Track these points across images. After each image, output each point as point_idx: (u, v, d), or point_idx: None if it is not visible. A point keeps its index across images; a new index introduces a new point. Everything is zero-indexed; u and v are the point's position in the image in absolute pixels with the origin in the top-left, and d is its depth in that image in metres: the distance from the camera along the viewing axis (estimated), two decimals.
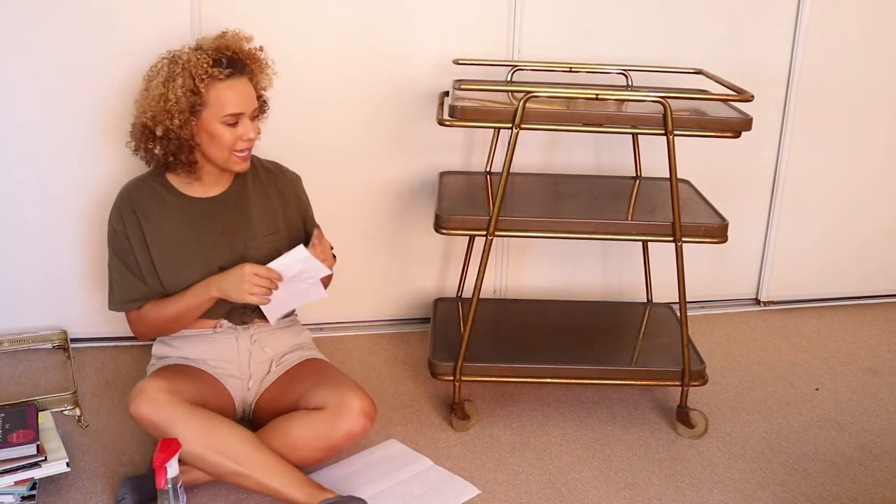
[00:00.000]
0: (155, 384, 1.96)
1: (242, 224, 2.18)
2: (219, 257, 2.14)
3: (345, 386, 2.05)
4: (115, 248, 2.17)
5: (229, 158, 2.10)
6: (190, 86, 2.02)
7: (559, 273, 3.01)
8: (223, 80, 2.05)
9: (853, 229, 3.16)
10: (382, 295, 2.94)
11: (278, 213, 2.23)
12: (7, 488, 1.95)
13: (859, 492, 2.17)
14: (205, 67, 2.03)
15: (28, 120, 2.51)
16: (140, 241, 2.13)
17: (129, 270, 2.15)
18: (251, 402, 2.21)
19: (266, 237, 2.19)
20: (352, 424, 1.99)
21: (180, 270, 2.12)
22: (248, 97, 2.09)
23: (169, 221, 2.14)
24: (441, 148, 2.78)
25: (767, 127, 2.98)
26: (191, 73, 2.03)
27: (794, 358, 2.83)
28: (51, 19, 2.43)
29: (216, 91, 2.04)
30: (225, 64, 2.06)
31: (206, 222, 2.16)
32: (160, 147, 2.07)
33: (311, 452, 2.01)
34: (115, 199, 2.18)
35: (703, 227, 2.25)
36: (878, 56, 2.98)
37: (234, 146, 2.08)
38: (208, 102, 2.04)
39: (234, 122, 2.06)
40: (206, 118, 2.05)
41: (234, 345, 2.20)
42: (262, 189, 2.23)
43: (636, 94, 2.31)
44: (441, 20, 2.69)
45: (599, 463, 2.24)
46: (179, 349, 2.19)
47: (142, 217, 2.13)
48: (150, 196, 2.15)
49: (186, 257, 2.13)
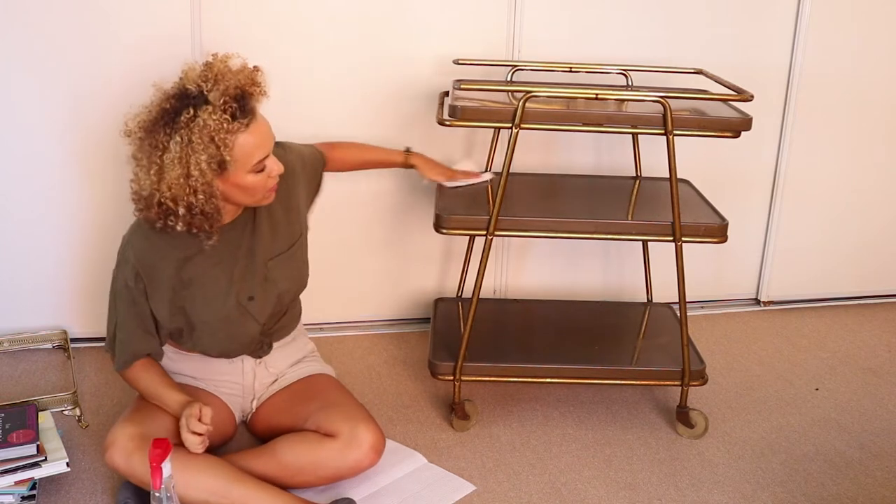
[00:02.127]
0: (126, 433, 1.90)
1: (256, 247, 2.04)
2: (245, 288, 2.03)
3: (357, 416, 2.02)
4: (125, 304, 2.00)
5: (262, 199, 1.95)
6: (213, 153, 1.80)
7: (559, 273, 3.01)
8: (245, 130, 1.84)
9: (853, 229, 3.16)
10: (382, 295, 2.94)
11: (298, 211, 2.11)
12: (7, 488, 1.95)
13: (859, 492, 2.17)
14: (226, 127, 1.80)
15: (29, 120, 2.51)
16: (160, 293, 1.98)
17: (141, 329, 2.02)
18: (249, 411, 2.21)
19: (283, 254, 2.08)
20: (361, 458, 1.98)
21: (212, 308, 2.01)
22: (270, 134, 1.91)
23: (191, 264, 1.99)
24: (441, 148, 2.78)
25: (767, 127, 2.98)
26: (213, 140, 1.79)
27: (794, 358, 2.83)
28: (52, 21, 2.43)
29: (240, 145, 1.83)
30: (240, 111, 1.83)
31: (229, 251, 2.01)
32: (182, 223, 1.86)
33: (315, 479, 2.00)
34: (121, 249, 2.01)
35: (703, 227, 2.25)
36: (878, 56, 2.97)
37: (265, 186, 1.93)
38: (234, 160, 1.83)
39: (262, 167, 1.89)
40: (232, 174, 1.85)
41: (240, 367, 2.16)
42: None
43: (636, 94, 2.31)
44: (441, 20, 2.69)
45: (599, 463, 2.24)
46: (179, 363, 2.14)
47: (160, 269, 1.97)
48: (167, 242, 1.96)
49: (217, 295, 2.01)
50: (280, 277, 2.08)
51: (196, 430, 1.90)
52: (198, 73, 1.87)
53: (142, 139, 1.86)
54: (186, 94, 1.84)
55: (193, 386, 2.12)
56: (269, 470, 1.98)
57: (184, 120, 1.81)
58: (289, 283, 2.11)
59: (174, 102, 1.84)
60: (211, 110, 1.80)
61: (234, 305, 2.03)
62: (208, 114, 1.80)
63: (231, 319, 2.04)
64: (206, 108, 1.81)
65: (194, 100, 1.83)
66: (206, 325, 2.03)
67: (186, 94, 1.84)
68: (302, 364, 2.24)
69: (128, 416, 1.99)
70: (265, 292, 2.06)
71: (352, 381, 2.53)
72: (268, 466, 1.99)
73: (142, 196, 1.88)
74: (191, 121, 1.80)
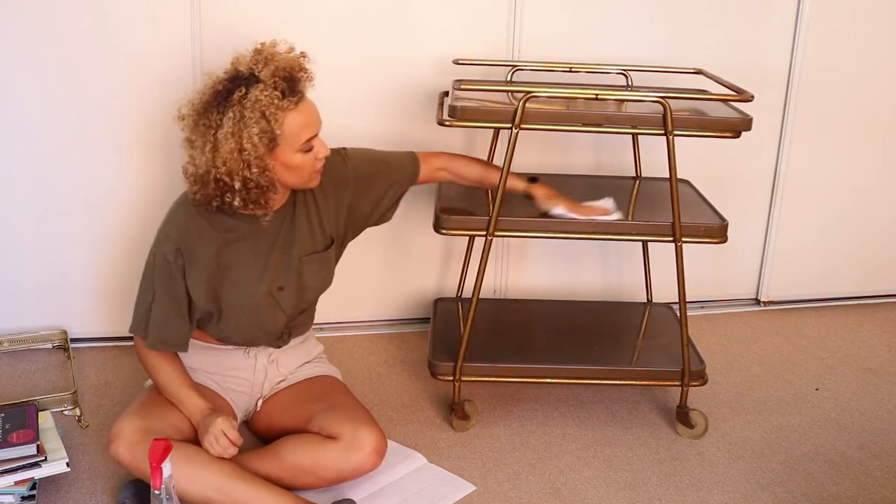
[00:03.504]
0: (132, 425, 1.92)
1: (293, 239, 2.08)
2: (278, 277, 2.06)
3: (360, 419, 2.02)
4: (163, 279, 2.01)
5: (309, 181, 2.00)
6: (265, 127, 1.87)
7: (559, 273, 3.01)
8: (294, 108, 1.91)
9: (853, 229, 3.16)
10: (382, 295, 2.94)
11: (331, 218, 2.13)
12: (7, 488, 1.95)
13: (859, 492, 2.17)
14: (276, 103, 1.87)
15: (29, 120, 2.51)
16: (198, 273, 2.00)
17: (175, 309, 2.02)
18: (252, 410, 2.21)
19: (318, 253, 2.11)
20: (363, 461, 1.98)
21: (243, 293, 2.04)
22: (317, 115, 1.97)
23: (230, 248, 2.02)
24: (441, 148, 2.78)
25: (767, 127, 2.98)
26: (264, 115, 1.86)
27: (794, 358, 2.83)
28: (52, 21, 2.43)
29: (289, 123, 1.90)
30: (289, 90, 1.90)
31: (266, 240, 2.05)
32: (239, 198, 1.91)
33: (317, 480, 2.00)
34: (164, 225, 2.02)
35: (703, 227, 2.25)
36: (878, 56, 2.97)
37: (313, 167, 1.98)
38: (284, 136, 1.90)
39: (310, 146, 1.95)
40: (282, 152, 1.91)
41: (252, 363, 2.17)
42: (312, 195, 2.10)
43: (636, 95, 2.31)
44: (441, 20, 2.69)
45: (599, 463, 2.24)
46: (192, 357, 2.13)
47: (201, 247, 1.99)
48: (210, 223, 2.00)
49: (250, 280, 2.04)
50: (310, 273, 2.10)
51: (234, 440, 1.93)
52: (248, 58, 1.95)
53: (195, 121, 1.93)
54: (238, 76, 1.92)
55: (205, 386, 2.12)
56: (271, 470, 1.99)
57: (236, 98, 1.88)
58: (317, 280, 2.14)
59: (227, 84, 1.92)
60: (262, 87, 1.87)
61: (264, 293, 2.06)
62: (260, 90, 1.87)
63: (260, 307, 2.07)
64: (258, 86, 1.88)
65: (246, 80, 1.90)
66: (235, 310, 2.05)
67: (238, 76, 1.92)
68: (309, 365, 2.25)
69: (134, 409, 2.00)
70: (295, 285, 2.09)
71: (352, 381, 2.53)
72: (270, 467, 1.99)
73: (198, 175, 1.93)
74: (243, 97, 1.88)
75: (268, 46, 1.97)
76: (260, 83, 1.88)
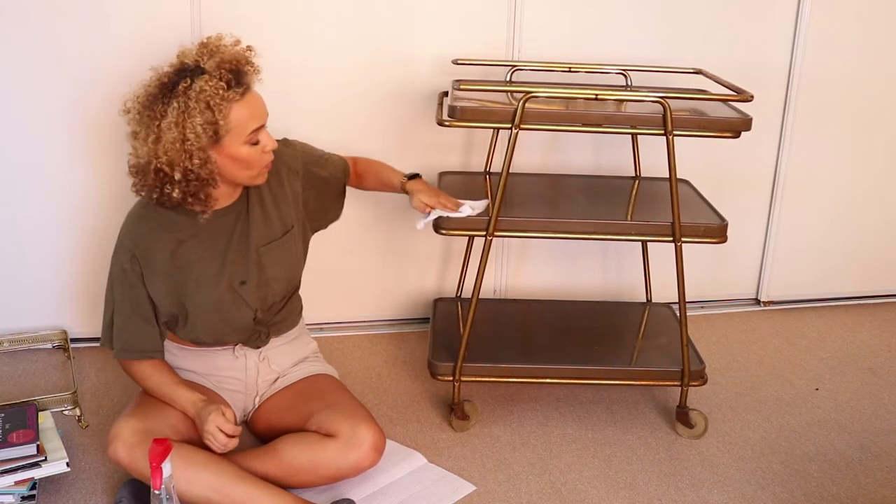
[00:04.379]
0: (130, 426, 1.92)
1: (249, 231, 2.07)
2: (238, 272, 2.05)
3: (358, 416, 2.03)
4: (122, 287, 2.02)
5: (257, 175, 2.00)
6: (209, 118, 1.86)
7: (559, 273, 3.01)
8: (239, 100, 1.90)
9: (853, 229, 3.16)
10: (382, 295, 2.94)
11: (288, 204, 2.13)
12: (7, 488, 1.95)
13: (859, 492, 2.17)
14: (221, 94, 1.86)
15: (29, 120, 2.51)
16: (155, 276, 2.01)
17: (138, 315, 2.02)
18: (251, 409, 2.21)
19: (275, 241, 2.10)
20: (361, 458, 1.98)
21: (204, 291, 2.03)
22: (263, 107, 1.97)
23: (185, 248, 2.01)
24: (440, 148, 2.78)
25: (767, 127, 2.98)
26: (208, 105, 1.86)
27: (794, 358, 2.83)
28: (50, 19, 2.43)
29: (235, 114, 1.89)
30: (235, 81, 1.90)
31: (222, 236, 2.05)
32: (178, 190, 1.90)
33: (315, 478, 2.00)
34: (119, 235, 2.04)
35: (703, 227, 2.25)
36: (878, 56, 2.97)
37: (260, 162, 1.97)
38: (229, 128, 1.89)
39: (256, 139, 1.94)
40: (227, 145, 1.90)
41: (243, 362, 2.17)
42: (266, 186, 2.09)
43: (636, 95, 2.31)
44: (441, 20, 2.69)
45: (599, 463, 2.24)
46: (183, 360, 2.15)
47: (155, 251, 2.00)
48: (162, 225, 2.00)
49: (209, 278, 2.03)
50: (271, 264, 2.09)
51: (231, 433, 1.93)
52: (194, 50, 1.96)
53: (140, 113, 1.93)
54: (184, 68, 1.93)
55: (199, 384, 2.13)
56: (269, 469, 1.99)
57: (181, 88, 1.88)
58: (279, 270, 2.12)
59: (172, 76, 1.92)
60: (207, 78, 1.88)
61: (226, 289, 2.04)
62: (205, 81, 1.87)
63: (224, 303, 2.06)
64: (203, 77, 1.88)
65: (191, 72, 1.91)
66: (200, 309, 2.05)
67: (184, 68, 1.93)
68: (304, 364, 2.25)
69: (132, 411, 2.00)
70: (256, 278, 2.08)
71: (352, 381, 2.54)
72: (268, 466, 1.99)
73: (140, 166, 1.94)
74: (188, 88, 1.88)
75: (213, 39, 1.98)
76: (205, 74, 1.89)
